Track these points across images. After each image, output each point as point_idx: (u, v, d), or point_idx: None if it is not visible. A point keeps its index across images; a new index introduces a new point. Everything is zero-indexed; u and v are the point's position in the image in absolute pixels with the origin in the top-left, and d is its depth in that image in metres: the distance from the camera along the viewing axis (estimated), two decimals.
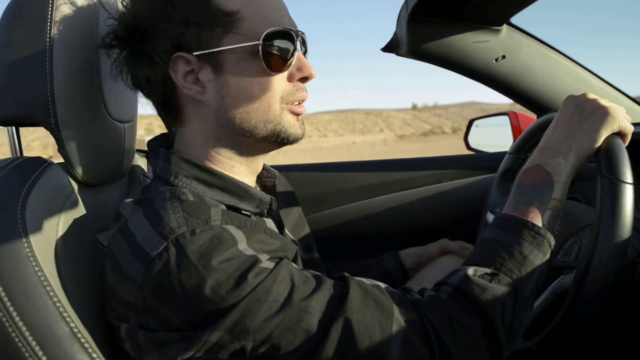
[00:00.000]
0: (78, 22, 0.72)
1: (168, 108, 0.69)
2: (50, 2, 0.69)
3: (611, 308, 0.70)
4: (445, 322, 0.59)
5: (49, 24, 0.68)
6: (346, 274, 0.62)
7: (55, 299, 0.58)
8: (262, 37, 0.62)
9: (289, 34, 0.64)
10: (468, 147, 1.83)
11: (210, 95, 0.65)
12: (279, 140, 0.68)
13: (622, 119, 0.69)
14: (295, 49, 0.65)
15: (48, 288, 0.58)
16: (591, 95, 0.71)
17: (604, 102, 0.70)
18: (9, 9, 0.71)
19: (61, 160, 0.76)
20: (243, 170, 0.72)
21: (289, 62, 0.65)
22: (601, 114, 0.68)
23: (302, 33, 0.68)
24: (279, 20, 0.65)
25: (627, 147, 0.68)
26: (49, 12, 0.68)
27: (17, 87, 0.69)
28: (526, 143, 1.00)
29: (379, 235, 1.46)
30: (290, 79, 0.67)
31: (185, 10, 0.62)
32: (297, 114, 0.68)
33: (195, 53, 0.63)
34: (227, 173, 0.69)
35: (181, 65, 0.64)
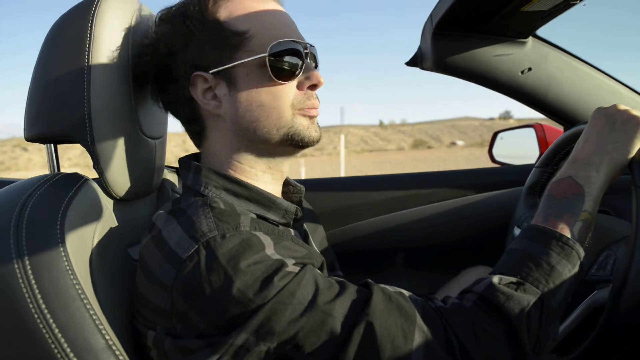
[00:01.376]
0: (114, 43, 0.75)
1: (193, 125, 0.74)
2: (90, 24, 0.72)
3: None
4: (469, 330, 0.59)
5: (87, 45, 0.71)
6: (369, 280, 0.63)
7: (91, 312, 0.60)
8: (268, 49, 0.67)
9: (294, 45, 0.68)
10: (493, 159, 1.80)
11: (226, 108, 0.70)
12: (294, 143, 0.71)
13: None
14: (301, 59, 0.69)
15: (85, 301, 0.59)
16: (622, 106, 0.71)
17: (636, 112, 0.69)
18: (52, 30, 0.75)
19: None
20: (267, 179, 0.75)
21: (295, 72, 0.69)
22: (634, 124, 0.68)
23: (311, 46, 0.72)
24: (286, 34, 0.69)
25: None
26: (89, 34, 0.72)
27: (56, 105, 0.72)
28: (554, 156, 0.98)
29: (402, 249, 1.45)
30: (300, 87, 0.70)
31: (200, 33, 0.68)
32: (310, 117, 0.71)
33: (211, 71, 0.68)
34: (253, 183, 0.72)
35: (200, 83, 0.69)
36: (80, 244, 0.64)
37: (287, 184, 0.82)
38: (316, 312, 0.57)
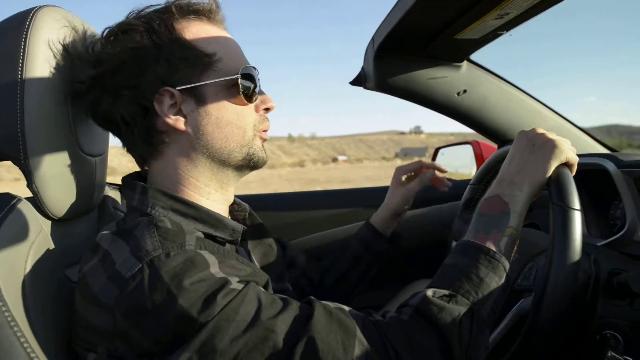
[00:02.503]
0: (50, 58, 0.73)
1: (147, 140, 0.72)
2: (24, 38, 0.70)
3: (568, 328, 0.74)
4: (405, 341, 0.62)
5: (21, 59, 0.69)
6: (312, 297, 0.65)
7: (22, 339, 0.57)
8: (239, 72, 0.71)
9: (252, 71, 0.74)
10: None
11: (192, 124, 0.71)
12: (250, 163, 0.75)
13: (568, 150, 0.75)
14: (257, 84, 0.74)
15: (15, 329, 0.57)
16: (540, 130, 0.77)
17: (551, 135, 0.76)
18: None
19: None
20: (217, 198, 0.76)
21: (255, 95, 0.74)
22: (550, 146, 0.74)
23: (255, 68, 0.78)
24: (244, 60, 0.76)
25: (576, 176, 0.73)
26: (22, 48, 0.69)
27: None
28: (486, 174, 1.05)
29: None
30: (256, 109, 0.76)
31: (170, 51, 0.69)
32: (263, 139, 0.77)
33: (178, 88, 0.69)
34: (203, 200, 0.73)
35: (166, 99, 0.69)
36: (11, 269, 0.61)
37: (232, 202, 0.83)
38: (259, 328, 0.58)
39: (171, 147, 0.72)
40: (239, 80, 0.71)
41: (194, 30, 0.71)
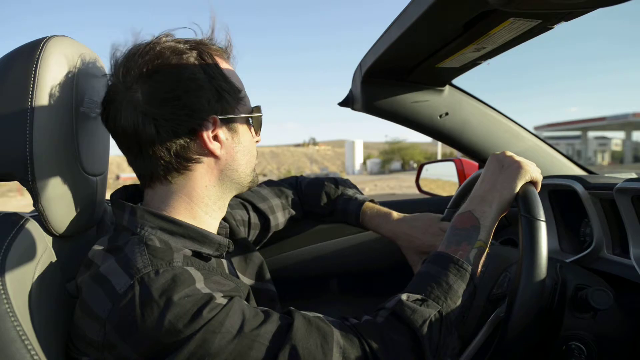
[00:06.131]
0: (60, 83, 0.76)
1: (177, 162, 0.75)
2: (35, 66, 0.73)
3: (537, 335, 0.80)
4: (380, 341, 0.69)
5: (32, 87, 0.73)
6: (292, 308, 0.71)
7: (32, 352, 0.61)
8: (260, 109, 0.83)
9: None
10: (420, 190, 1.96)
11: (225, 150, 0.78)
12: (253, 184, 0.86)
13: (532, 170, 0.83)
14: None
15: (26, 342, 0.61)
16: (508, 153, 0.86)
17: (518, 158, 0.85)
18: None
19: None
20: (217, 215, 0.83)
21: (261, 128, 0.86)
22: (516, 167, 0.83)
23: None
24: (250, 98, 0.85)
25: (549, 195, 0.79)
26: (33, 76, 0.73)
27: None
28: (462, 198, 1.11)
29: (337, 276, 1.53)
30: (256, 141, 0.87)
31: (219, 81, 0.76)
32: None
33: (220, 117, 0.76)
34: (206, 217, 0.80)
35: (210, 126, 0.75)
36: (20, 285, 0.65)
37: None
38: (244, 339, 0.63)
39: (201, 169, 0.77)
40: (260, 115, 0.83)
41: (226, 65, 0.79)
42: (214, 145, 0.76)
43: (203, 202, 0.79)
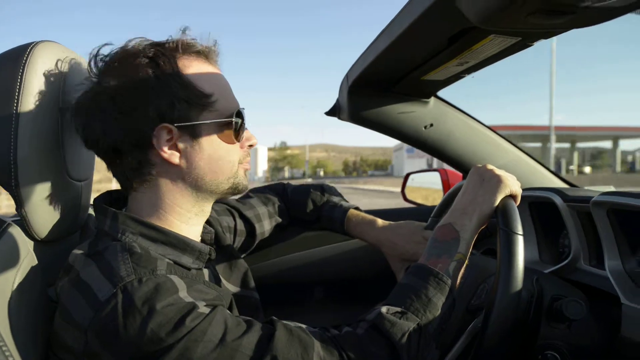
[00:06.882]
0: (45, 91, 0.76)
1: (137, 171, 0.76)
2: (21, 72, 0.73)
3: (514, 344, 0.81)
4: (359, 353, 0.69)
5: (17, 92, 0.73)
6: (274, 318, 0.72)
7: (10, 359, 0.61)
8: (234, 114, 0.78)
9: (242, 111, 0.81)
10: (405, 199, 1.98)
11: (186, 158, 0.76)
12: (235, 192, 0.83)
13: (512, 184, 0.84)
14: (244, 123, 0.81)
15: (4, 349, 0.61)
16: (489, 166, 0.87)
17: (498, 171, 0.86)
18: None
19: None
20: (196, 222, 0.82)
21: (243, 134, 0.81)
22: (496, 181, 0.84)
23: (244, 108, 0.84)
24: (235, 101, 0.81)
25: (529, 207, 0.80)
26: (19, 82, 0.73)
27: None
28: (445, 208, 1.13)
29: (324, 283, 1.54)
30: (241, 145, 0.83)
31: (173, 90, 0.72)
32: (245, 169, 0.84)
33: (176, 124, 0.73)
34: (183, 226, 0.79)
35: (164, 134, 0.73)
36: (0, 291, 0.65)
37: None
38: (225, 348, 0.63)
39: (162, 178, 0.76)
40: (233, 122, 0.78)
41: (196, 69, 0.76)
42: (169, 154, 0.74)
43: (174, 210, 0.78)
